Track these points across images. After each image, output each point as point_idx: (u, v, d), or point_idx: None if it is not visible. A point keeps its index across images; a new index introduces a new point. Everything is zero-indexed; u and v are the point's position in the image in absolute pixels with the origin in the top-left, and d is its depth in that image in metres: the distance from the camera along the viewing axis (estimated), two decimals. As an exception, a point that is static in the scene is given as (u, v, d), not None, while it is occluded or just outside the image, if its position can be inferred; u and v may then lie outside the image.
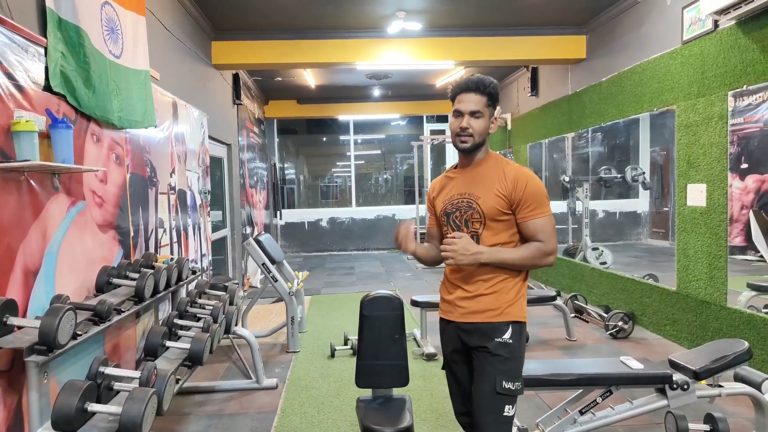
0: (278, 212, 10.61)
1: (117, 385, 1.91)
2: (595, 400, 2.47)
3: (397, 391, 2.28)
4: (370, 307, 2.21)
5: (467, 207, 1.80)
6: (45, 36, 2.23)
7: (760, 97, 3.59)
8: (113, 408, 1.70)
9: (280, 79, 7.94)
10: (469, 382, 1.83)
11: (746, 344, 2.53)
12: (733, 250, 3.79)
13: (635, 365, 2.49)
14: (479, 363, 1.76)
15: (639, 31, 4.64)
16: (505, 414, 1.72)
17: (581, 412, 2.47)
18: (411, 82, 8.48)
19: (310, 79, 7.86)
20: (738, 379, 2.65)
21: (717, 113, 3.62)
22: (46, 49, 2.22)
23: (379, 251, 11.27)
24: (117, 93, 2.85)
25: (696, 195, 3.87)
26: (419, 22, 5.31)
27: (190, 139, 4.41)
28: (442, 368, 1.98)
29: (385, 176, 12.67)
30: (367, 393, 2.28)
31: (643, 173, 7.07)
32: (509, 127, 8.21)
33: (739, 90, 3.48)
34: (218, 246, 5.91)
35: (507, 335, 1.75)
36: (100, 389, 1.83)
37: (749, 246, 4.25)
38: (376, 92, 9.30)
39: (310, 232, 11.34)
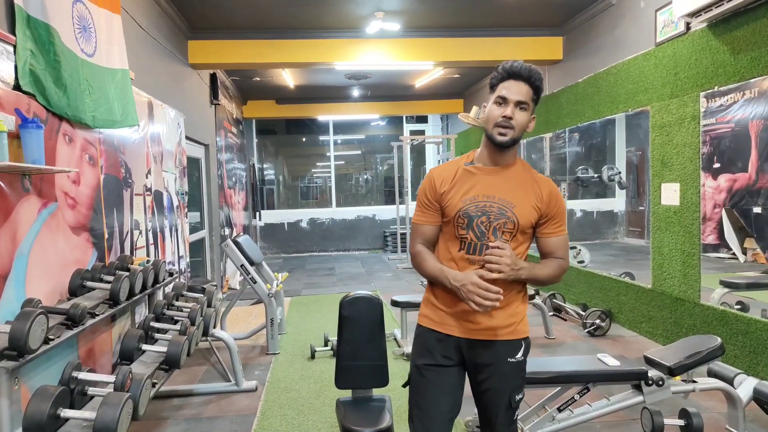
0: (257, 213, 10.53)
1: (91, 390, 1.87)
2: (573, 397, 2.51)
3: (376, 392, 2.27)
4: (350, 308, 2.21)
5: (499, 213, 1.60)
6: (14, 34, 2.17)
7: (731, 98, 3.68)
8: (87, 413, 1.66)
9: (258, 79, 7.87)
10: (459, 390, 1.70)
11: (719, 340, 2.59)
12: (706, 248, 3.87)
13: (612, 362, 2.53)
14: (486, 379, 1.65)
15: (614, 32, 4.72)
16: (515, 420, 1.71)
17: (559, 410, 2.50)
18: (390, 83, 8.49)
19: (288, 79, 7.81)
20: (711, 374, 2.72)
21: (690, 114, 3.71)
22: (14, 47, 2.16)
23: (360, 252, 11.26)
24: (90, 92, 2.79)
25: (670, 194, 3.95)
26: (398, 22, 5.32)
27: (167, 140, 4.34)
28: (406, 385, 1.74)
29: (365, 176, 12.66)
30: (347, 394, 2.27)
31: (619, 173, 7.19)
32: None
33: (710, 91, 3.57)
34: (196, 248, 5.83)
35: (520, 354, 1.66)
36: (74, 395, 1.79)
37: (722, 244, 4.35)
38: (356, 92, 9.28)
39: (290, 233, 11.28)
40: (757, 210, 5.16)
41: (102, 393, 1.86)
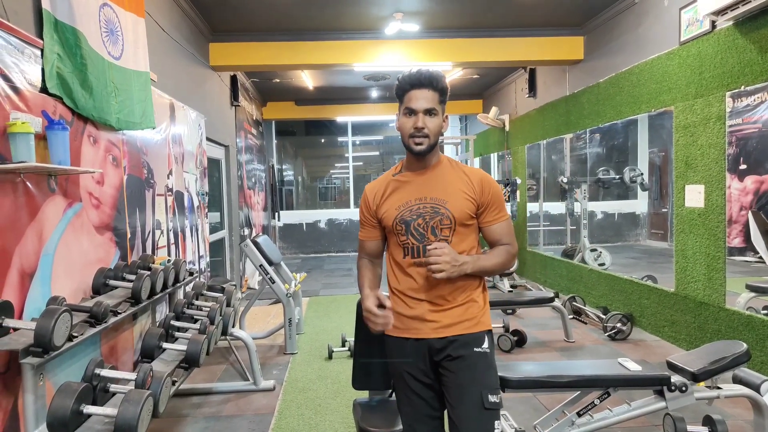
0: (276, 213, 10.61)
1: (113, 387, 1.90)
2: (593, 402, 2.47)
3: (394, 393, 2.27)
4: (368, 309, 2.20)
5: (433, 212, 1.64)
6: (41, 38, 2.22)
7: (758, 98, 3.59)
8: (109, 410, 1.69)
9: (278, 80, 7.94)
10: (438, 404, 1.69)
11: (745, 346, 2.53)
12: (732, 251, 3.79)
13: (633, 367, 2.49)
14: (455, 378, 1.62)
15: (636, 31, 4.65)
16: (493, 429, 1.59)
17: (579, 414, 2.46)
18: (409, 84, 8.47)
19: (308, 80, 7.86)
20: (737, 380, 2.65)
21: (715, 114, 3.63)
22: (42, 50, 2.21)
23: (378, 252, 11.24)
24: (116, 94, 2.85)
25: (694, 196, 3.87)
26: (416, 23, 5.31)
27: (188, 141, 4.41)
28: (391, 395, 1.78)
29: (383, 177, 12.67)
30: (363, 395, 2.27)
31: (642, 174, 7.06)
32: (507, 128, 8.22)
33: (737, 91, 3.48)
34: (216, 247, 5.90)
35: (485, 344, 1.66)
36: (96, 391, 1.82)
37: (748, 247, 4.25)
38: (374, 93, 9.30)
39: (309, 234, 11.34)
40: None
41: (123, 390, 1.89)
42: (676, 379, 2.44)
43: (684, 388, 2.43)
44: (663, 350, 4.08)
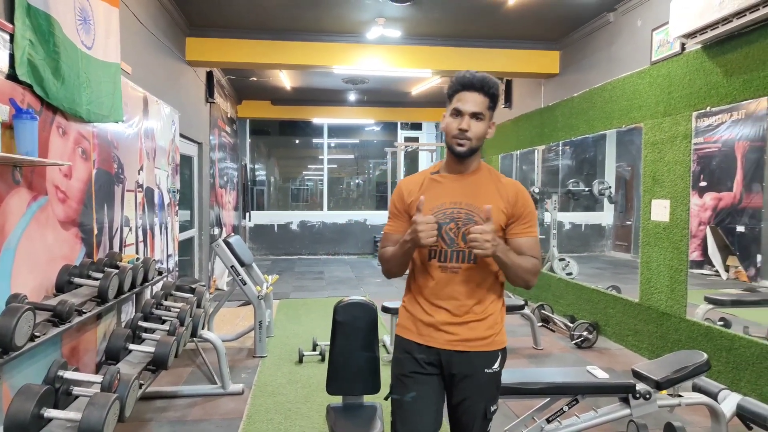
0: (248, 214, 10.46)
1: (76, 390, 1.83)
2: (562, 409, 2.51)
3: (367, 399, 2.26)
4: (344, 314, 2.19)
5: (467, 219, 1.61)
6: (12, 22, 2.14)
7: (718, 118, 3.75)
8: (72, 414, 1.63)
9: (255, 79, 7.85)
10: (441, 401, 1.69)
11: (705, 356, 2.61)
12: (690, 264, 3.92)
13: (601, 375, 2.54)
14: (463, 390, 1.64)
15: (610, 49, 4.78)
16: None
17: (548, 421, 2.50)
18: (387, 89, 8.50)
19: (285, 80, 7.79)
20: (695, 389, 2.74)
21: (682, 132, 3.75)
22: (12, 36, 2.13)
23: (350, 256, 11.23)
24: (87, 85, 2.76)
25: (660, 210, 3.99)
26: (398, 29, 5.33)
27: (160, 136, 4.31)
28: (388, 397, 1.71)
29: (357, 181, 12.64)
30: (336, 400, 2.26)
31: (610, 187, 7.24)
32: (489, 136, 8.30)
33: (702, 111, 3.61)
34: (185, 246, 5.78)
35: (497, 364, 1.66)
36: (58, 394, 1.75)
37: (705, 261, 4.41)
38: (352, 97, 9.29)
39: (280, 235, 11.22)
40: (740, 229, 5.24)
41: (87, 393, 1.83)
42: (640, 387, 2.50)
43: (648, 396, 2.50)
44: (626, 359, 4.18)
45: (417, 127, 11.87)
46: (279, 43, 5.57)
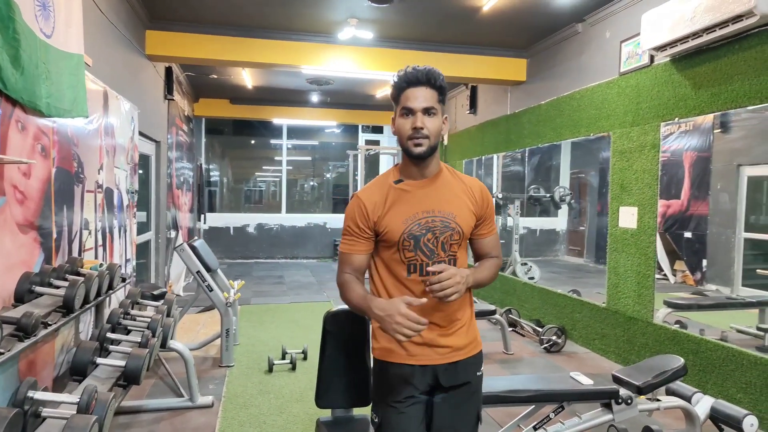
0: (203, 216, 10.10)
1: (45, 412, 1.66)
2: (548, 416, 2.51)
3: (357, 411, 2.17)
4: (334, 323, 2.10)
5: (443, 227, 1.53)
6: (-30, 5, 1.93)
7: (668, 129, 3.90)
8: (45, 439, 1.47)
9: (215, 76, 7.58)
10: (428, 420, 1.62)
11: (682, 360, 2.68)
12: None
13: (585, 381, 2.56)
14: (460, 399, 1.60)
15: (579, 59, 4.89)
16: None
17: (535, 428, 2.49)
18: (351, 91, 8.42)
19: (247, 78, 7.57)
20: (670, 392, 2.80)
21: (650, 142, 3.87)
22: (-29, 20, 1.92)
23: (308, 260, 11.05)
24: (47, 77, 2.54)
25: (628, 217, 4.10)
26: (371, 31, 5.27)
27: (120, 134, 4.06)
28: (378, 424, 1.60)
29: (312, 183, 12.45)
30: (323, 413, 2.16)
31: (570, 194, 7.45)
32: (446, 142, 8.37)
33: (670, 121, 3.74)
34: (141, 250, 5.48)
35: (482, 365, 1.67)
36: (27, 416, 1.58)
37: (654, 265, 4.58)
38: (315, 98, 9.15)
39: (236, 238, 10.91)
40: (687, 235, 5.50)
41: (57, 415, 1.66)
42: (623, 392, 2.53)
43: (630, 401, 2.53)
44: (594, 362, 4.27)
45: (378, 130, 11.84)
46: (246, 40, 5.39)
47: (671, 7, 3.35)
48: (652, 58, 3.86)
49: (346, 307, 2.15)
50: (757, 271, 4.75)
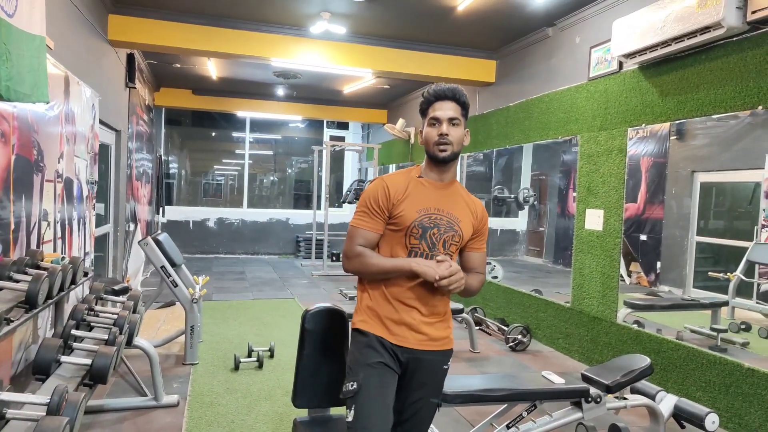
0: (161, 209, 9.79)
1: (10, 413, 1.56)
2: (521, 414, 2.55)
3: (333, 411, 2.15)
4: (313, 321, 2.07)
5: (448, 227, 1.71)
6: (-71, -24, 1.79)
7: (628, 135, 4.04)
8: (13, 444, 1.38)
9: (178, 65, 7.34)
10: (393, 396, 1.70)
11: (648, 360, 2.77)
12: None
13: (557, 380, 2.61)
14: (422, 389, 1.74)
15: (548, 63, 4.99)
16: None
17: (508, 427, 2.52)
18: (319, 86, 8.33)
19: (212, 69, 7.37)
20: (634, 391, 2.89)
21: (617, 146, 3.99)
22: (-70, -8, 1.78)
23: (270, 256, 10.88)
24: (7, 58, 2.39)
25: (594, 219, 4.22)
26: (343, 25, 5.21)
27: (81, 121, 3.87)
28: (355, 390, 1.63)
29: (272, 178, 12.25)
30: (299, 413, 2.12)
31: (534, 195, 7.61)
32: (412, 140, 8.40)
33: (638, 127, 3.86)
34: (99, 243, 5.25)
35: (450, 361, 1.80)
36: (-10, 420, 1.48)
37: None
38: (281, 91, 9.00)
39: (195, 232, 10.63)
40: (643, 237, 5.72)
41: (23, 416, 1.56)
42: (593, 391, 2.60)
43: (599, 399, 2.60)
44: (558, 361, 4.37)
45: (344, 126, 11.77)
46: (215, 30, 5.24)
47: (642, 15, 3.46)
48: (621, 64, 3.98)
49: (325, 305, 2.13)
50: (709, 273, 4.98)
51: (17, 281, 2.17)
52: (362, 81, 7.60)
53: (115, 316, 2.61)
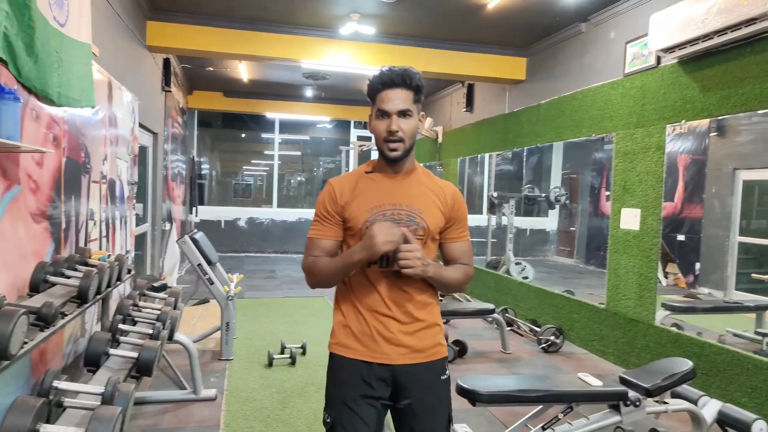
0: (194, 209, 10.01)
1: (67, 401, 1.64)
2: (557, 416, 2.53)
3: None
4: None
5: (408, 221, 1.52)
6: (-10, -10, 1.89)
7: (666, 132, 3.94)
8: (72, 430, 1.45)
9: (211, 69, 7.51)
10: (381, 425, 1.57)
11: (691, 364, 2.71)
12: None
13: (594, 382, 2.58)
14: (424, 402, 1.54)
15: (581, 59, 4.92)
16: None
17: (543, 428, 2.51)
18: (346, 86, 8.39)
19: (243, 72, 7.51)
20: (675, 395, 2.84)
21: (655, 143, 3.91)
22: (-9, 5, 1.88)
23: (299, 255, 11.00)
24: (59, 65, 2.50)
25: (630, 219, 4.14)
26: (372, 26, 5.25)
27: (122, 125, 4.01)
28: (330, 425, 1.53)
29: (299, 178, 12.39)
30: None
31: (566, 194, 7.51)
32: (440, 140, 8.38)
33: (677, 124, 3.78)
34: (138, 242, 5.42)
35: (447, 370, 1.61)
36: (50, 406, 1.56)
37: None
38: (309, 92, 9.10)
39: (227, 231, 10.85)
40: (680, 238, 5.57)
41: (79, 405, 1.64)
42: (631, 394, 2.56)
43: (638, 403, 2.56)
44: (593, 363, 4.31)
45: (372, 126, 11.81)
46: (247, 33, 5.34)
47: (682, 8, 3.38)
48: (659, 59, 3.90)
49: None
50: (752, 275, 4.84)
51: (68, 277, 2.27)
52: (391, 81, 7.61)
53: (158, 312, 2.71)
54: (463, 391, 2.42)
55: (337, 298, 1.60)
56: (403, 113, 1.49)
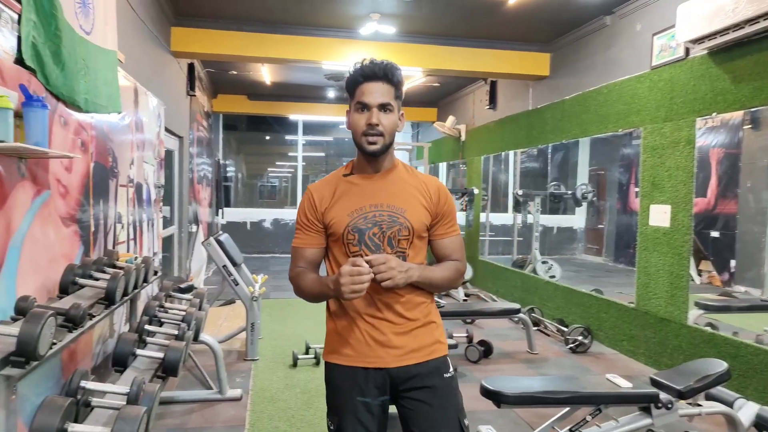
0: (220, 211, 10.17)
1: (94, 401, 1.67)
2: (585, 419, 2.47)
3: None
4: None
5: (391, 221, 1.47)
6: (19, 1, 1.95)
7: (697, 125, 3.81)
8: (99, 429, 1.48)
9: (234, 72, 7.61)
10: (402, 422, 1.54)
11: (726, 365, 2.61)
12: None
13: (623, 383, 2.51)
14: (427, 408, 1.48)
15: (606, 53, 4.82)
16: None
17: (571, 430, 2.46)
18: (369, 87, 8.39)
19: (266, 74, 7.59)
20: (709, 398, 2.74)
21: (684, 137, 3.80)
22: (20, 16, 1.93)
23: (325, 256, 11.07)
24: (85, 73, 2.56)
25: (659, 216, 4.03)
26: (392, 25, 5.24)
27: (148, 129, 4.09)
28: (334, 428, 1.52)
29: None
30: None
31: (593, 191, 7.36)
32: (463, 138, 8.32)
33: (707, 116, 3.66)
34: (165, 244, 5.52)
35: (450, 368, 1.55)
36: (78, 406, 1.59)
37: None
38: (332, 94, 9.14)
39: (253, 233, 10.99)
40: (714, 234, 5.40)
41: (106, 404, 1.67)
42: (663, 396, 2.48)
43: (670, 405, 2.48)
44: (622, 364, 4.21)
45: (395, 126, 11.81)
46: (268, 36, 5.39)
47: (710, -1, 3.28)
48: (687, 51, 3.78)
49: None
50: (790, 271, 4.65)
51: (97, 279, 2.32)
52: (412, 80, 7.60)
53: (183, 313, 2.74)
54: (487, 393, 2.38)
55: (328, 305, 1.57)
56: (384, 107, 1.45)
